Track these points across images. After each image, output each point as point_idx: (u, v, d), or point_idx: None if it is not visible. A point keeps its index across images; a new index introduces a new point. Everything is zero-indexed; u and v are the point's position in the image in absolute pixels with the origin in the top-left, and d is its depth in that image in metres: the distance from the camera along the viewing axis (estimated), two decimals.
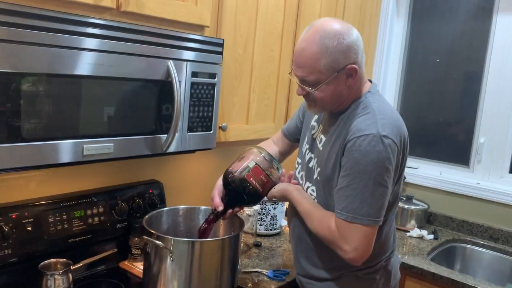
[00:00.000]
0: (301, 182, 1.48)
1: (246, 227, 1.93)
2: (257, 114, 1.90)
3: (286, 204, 2.22)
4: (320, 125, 1.44)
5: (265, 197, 1.46)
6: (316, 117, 1.49)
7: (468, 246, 2.32)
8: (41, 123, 1.16)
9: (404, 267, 1.94)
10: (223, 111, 1.74)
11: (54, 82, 1.17)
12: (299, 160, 1.53)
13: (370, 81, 1.39)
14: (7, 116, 1.10)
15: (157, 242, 1.32)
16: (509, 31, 2.31)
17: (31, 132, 1.15)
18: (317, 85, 1.27)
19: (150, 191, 1.80)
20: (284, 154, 1.72)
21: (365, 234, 1.23)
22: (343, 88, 1.29)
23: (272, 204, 2.08)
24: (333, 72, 1.24)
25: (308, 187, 1.43)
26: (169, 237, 1.36)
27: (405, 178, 2.52)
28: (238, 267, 1.51)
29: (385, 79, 2.71)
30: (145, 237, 1.35)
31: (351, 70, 1.26)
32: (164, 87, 1.43)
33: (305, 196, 1.41)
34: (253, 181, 1.40)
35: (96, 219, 1.60)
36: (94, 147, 1.27)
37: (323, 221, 1.30)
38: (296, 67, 1.29)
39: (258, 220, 2.06)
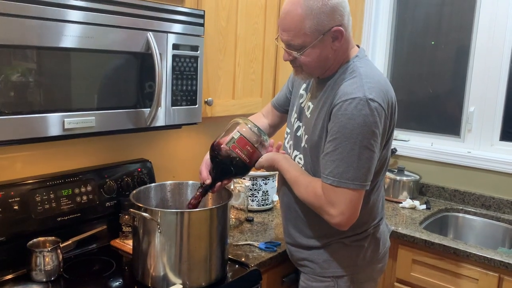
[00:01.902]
0: (289, 151, 1.48)
1: (238, 203, 1.93)
2: (243, 89, 1.89)
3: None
4: (308, 93, 1.43)
5: (253, 167, 1.45)
6: (304, 85, 1.48)
7: (460, 214, 2.33)
8: (20, 97, 1.15)
9: (396, 235, 1.95)
10: (208, 85, 1.72)
11: (32, 55, 1.16)
12: (288, 130, 1.52)
13: (358, 46, 1.37)
14: None
15: (145, 214, 1.31)
16: (494, 0, 2.29)
17: (9, 105, 1.13)
18: (302, 49, 1.25)
19: (139, 169, 1.79)
20: (275, 127, 1.71)
21: (351, 198, 1.22)
22: (329, 52, 1.27)
23: (263, 180, 2.07)
24: (319, 34, 1.23)
25: (296, 156, 1.43)
26: (156, 209, 1.35)
27: (396, 150, 2.52)
28: (228, 239, 1.51)
29: (373, 53, 2.69)
30: (132, 210, 1.34)
31: (337, 33, 1.24)
32: (145, 60, 1.41)
33: (293, 164, 1.40)
34: (239, 152, 1.39)
35: (85, 197, 1.60)
36: (75, 120, 1.26)
37: (310, 187, 1.29)
38: (282, 31, 1.27)
39: (250, 196, 2.06)
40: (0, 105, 1.12)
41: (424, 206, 2.31)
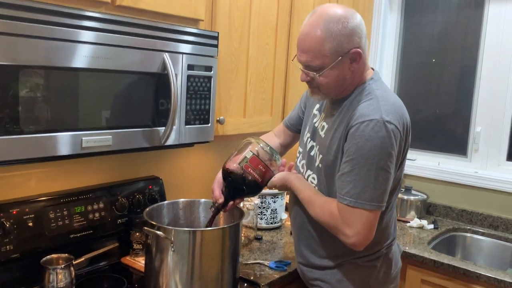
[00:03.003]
0: (301, 170, 1.49)
1: (247, 221, 1.93)
2: (254, 107, 1.92)
3: (286, 197, 2.23)
4: (322, 113, 1.45)
5: (265, 186, 1.47)
6: (317, 105, 1.50)
7: (468, 234, 2.33)
8: (39, 116, 1.17)
9: (405, 255, 1.95)
10: (220, 104, 1.75)
11: (51, 75, 1.18)
12: (300, 149, 1.53)
13: (373, 69, 1.40)
14: (5, 108, 1.10)
15: (158, 232, 1.32)
16: (501, 21, 2.33)
17: (29, 124, 1.16)
18: (321, 69, 1.27)
19: (150, 186, 1.81)
20: (286, 146, 1.73)
21: (367, 219, 1.23)
22: (347, 73, 1.29)
23: (272, 198, 2.08)
24: (338, 56, 1.25)
25: (309, 175, 1.44)
26: (170, 227, 1.36)
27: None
28: (239, 258, 1.51)
29: (379, 73, 2.72)
30: (146, 228, 1.36)
31: (355, 54, 1.27)
32: (161, 80, 1.44)
33: (306, 184, 1.42)
34: (251, 171, 1.40)
35: (97, 214, 1.61)
36: (92, 139, 1.28)
37: (325, 207, 1.30)
38: (300, 52, 1.29)
39: (259, 214, 2.07)
40: (20, 124, 1.14)
41: (431, 226, 2.31)
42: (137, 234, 1.67)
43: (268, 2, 1.89)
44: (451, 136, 2.57)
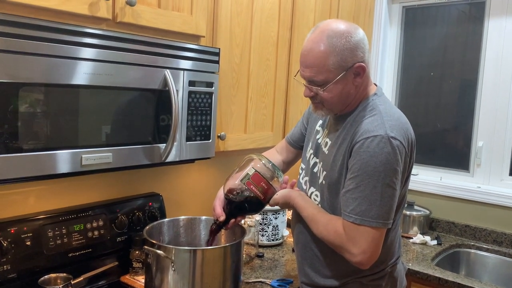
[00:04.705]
0: (304, 187, 1.47)
1: (248, 238, 1.91)
2: (255, 123, 1.91)
3: (288, 214, 2.21)
4: (325, 129, 1.43)
5: (268, 204, 1.44)
6: (320, 122, 1.48)
7: (472, 250, 2.30)
8: (39, 133, 1.16)
9: (409, 273, 1.91)
10: (221, 120, 1.74)
11: (52, 92, 1.17)
12: (303, 166, 1.52)
13: (375, 85, 1.39)
14: (4, 126, 1.09)
15: (159, 251, 1.30)
16: (501, 35, 2.33)
17: (29, 142, 1.14)
18: (325, 84, 1.26)
19: (150, 203, 1.78)
20: (289, 163, 1.71)
21: (373, 237, 1.21)
22: (351, 88, 1.29)
23: (274, 214, 2.06)
24: (342, 70, 1.25)
25: (312, 193, 1.42)
26: (171, 246, 1.34)
27: None
28: (241, 276, 1.49)
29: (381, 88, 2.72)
30: (146, 247, 1.33)
31: (359, 69, 1.26)
32: (162, 96, 1.43)
33: (309, 201, 1.39)
34: (253, 188, 1.38)
35: (96, 232, 1.58)
36: (92, 156, 1.27)
37: (330, 225, 1.28)
38: (304, 68, 1.29)
39: (260, 231, 2.04)
40: (20, 142, 1.13)
41: (435, 242, 2.28)
42: (137, 252, 1.64)
43: (269, 18, 1.89)
44: (453, 150, 2.55)
